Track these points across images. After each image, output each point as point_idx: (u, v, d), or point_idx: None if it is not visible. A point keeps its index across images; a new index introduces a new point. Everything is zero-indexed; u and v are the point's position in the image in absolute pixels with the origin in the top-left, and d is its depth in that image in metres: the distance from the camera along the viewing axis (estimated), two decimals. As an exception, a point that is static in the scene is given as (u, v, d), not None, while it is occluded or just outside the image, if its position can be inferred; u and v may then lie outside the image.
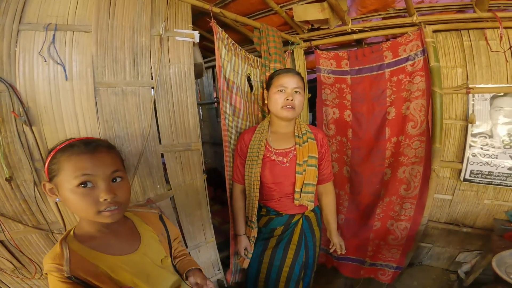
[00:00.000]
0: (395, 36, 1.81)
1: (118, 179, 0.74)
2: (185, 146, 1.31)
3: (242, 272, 1.71)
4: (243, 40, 2.05)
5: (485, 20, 1.56)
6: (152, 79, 1.16)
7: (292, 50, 2.01)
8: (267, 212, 1.39)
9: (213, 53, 2.57)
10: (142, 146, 1.14)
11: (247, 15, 1.79)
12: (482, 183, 1.72)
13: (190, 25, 1.24)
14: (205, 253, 1.51)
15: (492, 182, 1.69)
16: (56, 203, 0.96)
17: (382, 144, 1.88)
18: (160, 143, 1.24)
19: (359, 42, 2.06)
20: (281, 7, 1.70)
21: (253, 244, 1.40)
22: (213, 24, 1.33)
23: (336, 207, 2.11)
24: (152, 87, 1.16)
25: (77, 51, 0.97)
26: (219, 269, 1.61)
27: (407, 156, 1.80)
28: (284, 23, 1.88)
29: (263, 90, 1.70)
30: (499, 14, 1.49)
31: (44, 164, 0.71)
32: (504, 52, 1.56)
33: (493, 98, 1.62)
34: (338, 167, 2.10)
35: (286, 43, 1.94)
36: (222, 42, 1.40)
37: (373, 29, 1.81)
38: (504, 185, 1.67)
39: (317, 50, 2.02)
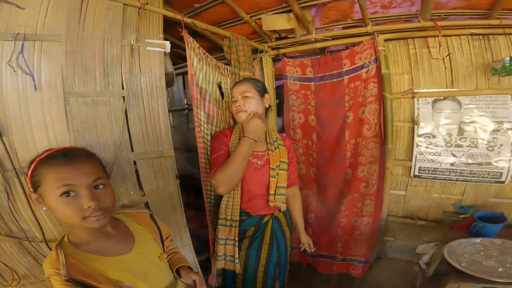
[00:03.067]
0: (353, 45, 1.97)
1: (101, 186, 0.77)
2: (157, 153, 1.34)
3: (222, 276, 1.72)
4: (213, 47, 2.13)
5: (428, 29, 1.73)
6: (123, 88, 1.18)
7: (261, 57, 2.12)
8: (239, 214, 1.43)
9: (183, 60, 2.62)
10: (115, 154, 1.16)
11: (217, 23, 1.87)
12: (429, 178, 1.94)
13: (162, 35, 1.29)
14: None
15: (437, 177, 1.91)
16: (32, 211, 0.96)
17: (343, 146, 2.05)
18: (133, 151, 1.26)
19: (322, 50, 2.21)
20: (250, 16, 1.80)
21: (236, 249, 1.37)
22: (185, 34, 1.38)
23: (306, 206, 2.24)
24: (123, 97, 1.19)
25: (46, 61, 0.97)
26: (198, 272, 1.64)
27: (364, 156, 1.98)
28: (253, 32, 1.99)
29: (234, 98, 1.78)
30: (439, 23, 1.66)
31: (27, 175, 0.73)
32: (443, 59, 1.75)
33: (434, 101, 1.85)
34: (305, 169, 2.24)
35: (255, 51, 2.04)
36: (194, 51, 1.46)
37: (334, 38, 1.97)
38: (448, 180, 1.89)
39: (284, 58, 2.15)
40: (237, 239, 1.37)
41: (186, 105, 3.13)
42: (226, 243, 1.40)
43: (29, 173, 0.73)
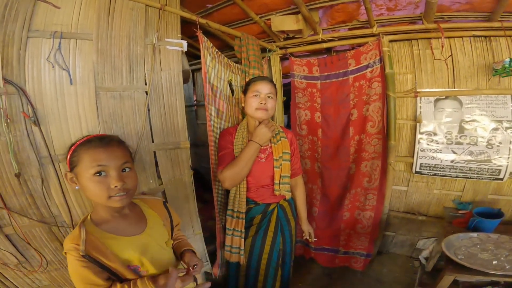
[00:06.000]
0: (358, 45, 2.05)
1: (127, 169, 0.87)
2: (174, 144, 1.44)
3: (227, 265, 1.79)
4: (222, 46, 2.21)
5: (431, 31, 1.81)
6: (146, 84, 1.28)
7: (269, 56, 2.20)
8: (246, 203, 1.49)
9: (193, 57, 2.70)
10: (137, 144, 1.26)
11: (227, 23, 1.95)
12: (430, 174, 2.02)
13: (179, 35, 1.38)
14: (193, 245, 1.57)
15: (438, 173, 1.99)
16: (64, 196, 1.05)
17: (347, 142, 2.13)
18: (153, 142, 1.35)
19: (328, 50, 2.30)
20: (260, 17, 1.89)
21: (243, 241, 1.45)
22: (200, 34, 1.47)
23: (310, 200, 2.32)
24: (146, 92, 1.28)
25: (80, 58, 1.07)
26: (207, 261, 1.72)
27: (367, 152, 2.06)
28: (262, 31, 2.07)
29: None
30: (442, 25, 1.74)
31: (66, 158, 0.83)
32: (445, 60, 1.84)
33: (436, 100, 1.93)
34: (311, 164, 2.32)
35: (263, 50, 2.12)
36: (207, 51, 1.55)
37: (340, 38, 2.05)
38: (449, 176, 1.97)
39: (292, 57, 2.23)
40: (243, 230, 1.45)
41: (195, 102, 3.22)
42: (233, 234, 1.48)
43: (69, 154, 0.83)
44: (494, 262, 1.40)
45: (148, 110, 1.31)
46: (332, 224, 2.26)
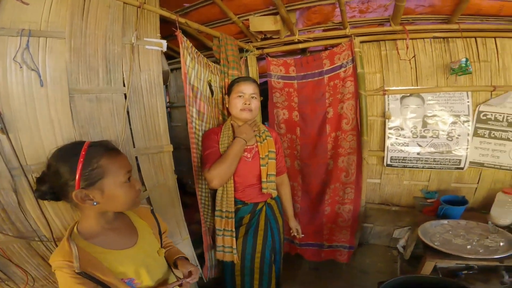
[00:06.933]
0: (332, 46, 2.15)
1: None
2: (157, 148, 1.38)
3: (217, 267, 1.78)
4: (198, 46, 2.16)
5: (398, 33, 1.94)
6: (124, 85, 1.21)
7: (246, 57, 2.20)
8: (234, 203, 1.49)
9: (169, 58, 2.60)
10: (118, 150, 1.18)
11: (205, 23, 1.91)
12: (399, 166, 2.17)
13: (159, 34, 1.33)
14: (182, 250, 1.56)
15: (407, 165, 2.14)
16: (41, 210, 0.95)
17: (324, 139, 2.22)
18: (134, 146, 1.28)
19: (303, 51, 2.35)
20: (238, 17, 1.88)
21: (234, 240, 1.45)
22: (179, 34, 1.43)
23: (292, 197, 2.38)
24: (125, 94, 1.21)
25: (51, 58, 0.97)
26: (197, 265, 1.69)
27: (344, 148, 2.17)
28: (240, 32, 2.07)
29: (222, 95, 1.84)
30: (408, 27, 1.87)
31: (74, 178, 0.71)
32: (409, 60, 1.99)
33: (402, 98, 2.08)
34: (290, 162, 2.37)
35: (241, 50, 2.11)
36: (187, 51, 1.50)
37: (315, 39, 2.12)
38: (416, 167, 2.13)
39: (268, 57, 2.26)
40: (234, 230, 1.45)
41: (168, 103, 3.10)
42: (224, 234, 1.47)
43: (79, 170, 0.71)
44: (468, 247, 1.48)
45: (128, 113, 1.24)
46: (315, 220, 2.33)
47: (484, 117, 1.91)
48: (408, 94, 2.07)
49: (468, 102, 1.93)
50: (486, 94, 1.91)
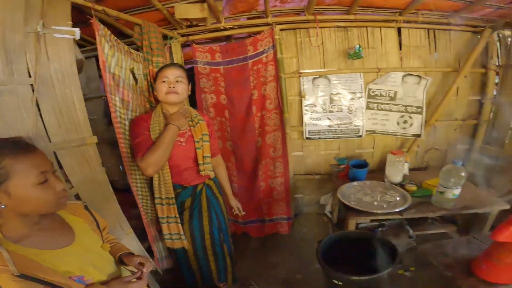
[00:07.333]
0: (255, 33, 2.29)
1: (55, 172, 0.79)
2: (78, 141, 1.32)
3: (170, 257, 1.78)
4: (115, 33, 2.01)
5: (310, 22, 2.18)
6: (30, 76, 1.12)
7: (171, 44, 2.19)
8: (174, 188, 1.51)
9: (81, 46, 2.37)
10: (31, 146, 1.12)
11: (124, 10, 1.80)
12: (316, 138, 2.52)
13: (70, 22, 1.24)
14: (127, 245, 1.48)
15: (321, 137, 2.51)
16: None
17: (251, 119, 2.41)
18: (50, 141, 1.21)
19: (228, 38, 2.45)
20: (163, 4, 1.82)
21: (180, 226, 1.48)
22: (95, 21, 1.34)
23: (229, 177, 2.53)
24: (32, 85, 1.13)
25: None
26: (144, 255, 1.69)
27: (269, 125, 2.40)
28: (163, 19, 2.02)
29: (147, 83, 1.82)
30: (318, 17, 2.12)
31: None
32: (318, 46, 2.31)
33: (314, 79, 2.40)
34: (222, 143, 2.50)
35: (164, 37, 2.07)
36: (105, 38, 1.44)
37: (240, 27, 2.23)
38: (328, 138, 2.50)
39: (194, 44, 2.29)
40: (177, 216, 1.49)
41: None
42: (168, 221, 1.50)
43: None
44: (375, 203, 1.71)
45: (38, 106, 1.16)
46: (253, 196, 2.52)
47: (373, 93, 2.38)
48: (318, 76, 2.40)
49: (361, 81, 2.37)
50: (373, 74, 2.37)
